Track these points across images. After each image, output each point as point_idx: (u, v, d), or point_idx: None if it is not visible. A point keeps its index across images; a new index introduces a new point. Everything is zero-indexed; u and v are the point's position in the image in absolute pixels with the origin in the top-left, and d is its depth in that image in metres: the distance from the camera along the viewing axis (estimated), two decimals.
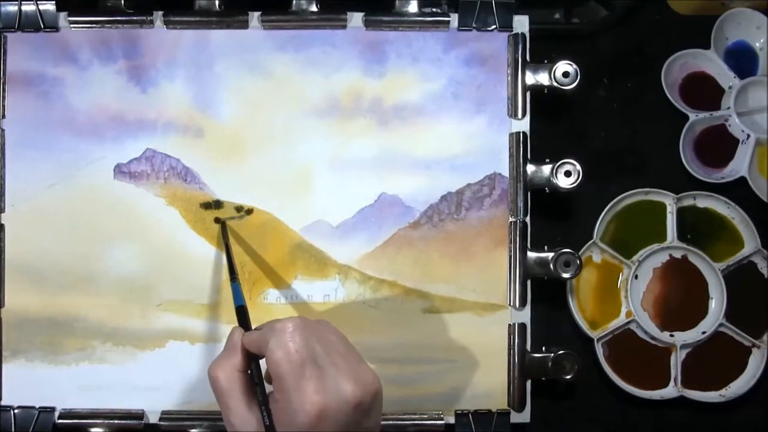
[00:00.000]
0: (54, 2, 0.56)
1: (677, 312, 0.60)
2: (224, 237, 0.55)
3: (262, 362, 0.42)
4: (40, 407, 0.55)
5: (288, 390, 0.39)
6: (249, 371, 0.43)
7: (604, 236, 0.60)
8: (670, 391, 0.59)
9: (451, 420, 0.55)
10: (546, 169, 0.56)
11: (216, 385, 0.42)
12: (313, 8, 0.57)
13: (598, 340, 0.59)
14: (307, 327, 0.41)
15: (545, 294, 0.58)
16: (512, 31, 0.57)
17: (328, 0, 0.58)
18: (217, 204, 0.56)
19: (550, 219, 0.60)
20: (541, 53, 0.58)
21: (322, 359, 0.40)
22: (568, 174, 0.55)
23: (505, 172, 0.57)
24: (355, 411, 0.40)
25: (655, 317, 0.60)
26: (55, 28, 0.57)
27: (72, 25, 0.57)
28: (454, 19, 0.57)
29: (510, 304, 0.56)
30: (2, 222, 0.56)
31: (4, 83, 0.56)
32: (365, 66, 0.57)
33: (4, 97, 0.56)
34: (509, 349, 0.56)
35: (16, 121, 0.56)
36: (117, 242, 0.56)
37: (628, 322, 0.59)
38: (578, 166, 0.55)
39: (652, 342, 0.59)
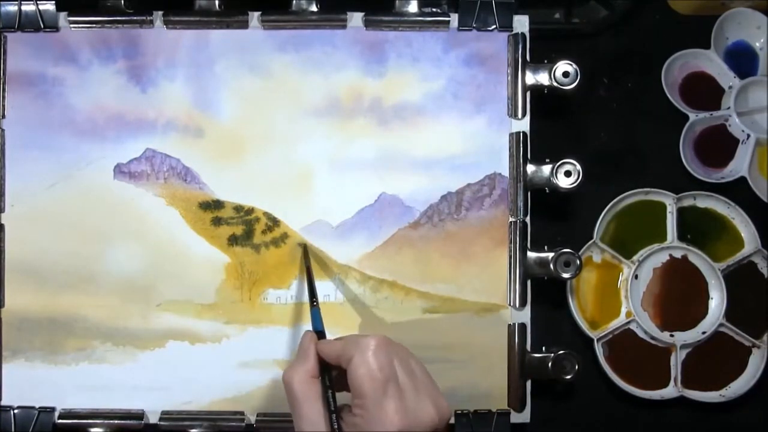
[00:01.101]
0: (54, 2, 0.56)
1: (677, 312, 0.60)
2: (306, 261, 0.55)
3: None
4: (40, 407, 0.55)
5: (368, 407, 0.40)
6: (323, 379, 0.43)
7: (604, 236, 0.60)
8: (670, 391, 0.59)
9: (451, 420, 0.55)
10: (546, 169, 0.56)
11: (290, 391, 0.42)
12: (313, 8, 0.57)
13: (598, 340, 0.59)
14: (391, 346, 0.42)
15: (545, 294, 0.58)
16: (512, 31, 0.57)
17: (328, 0, 0.58)
18: (217, 204, 0.56)
19: (550, 219, 0.60)
20: (541, 53, 0.58)
21: (403, 380, 0.41)
22: (568, 174, 0.55)
23: (505, 172, 0.57)
24: None
25: (655, 317, 0.60)
26: (55, 28, 0.57)
27: (72, 25, 0.57)
28: (454, 19, 0.57)
29: (510, 304, 0.56)
30: (2, 222, 0.56)
31: (4, 83, 0.56)
32: (365, 66, 0.57)
33: (4, 97, 0.56)
34: (509, 349, 0.56)
35: (16, 121, 0.56)
36: (117, 242, 0.56)
37: (628, 322, 0.59)
38: (578, 166, 0.55)
39: (652, 342, 0.59)
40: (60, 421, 0.55)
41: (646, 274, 0.60)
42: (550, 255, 0.55)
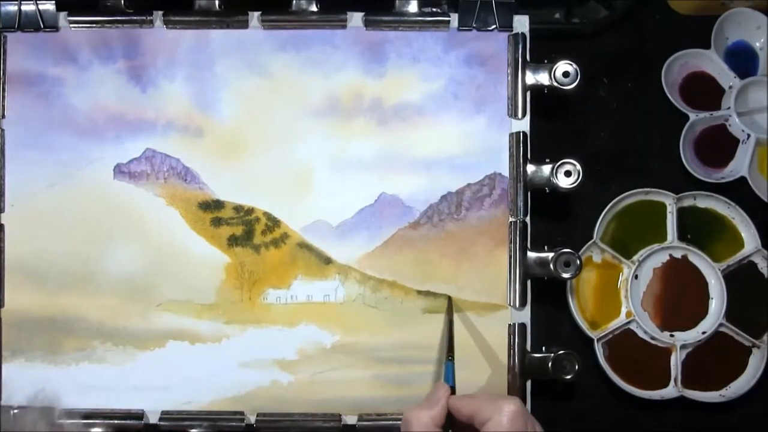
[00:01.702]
0: (54, 2, 0.56)
1: (677, 312, 0.60)
2: (449, 314, 0.55)
3: None
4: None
5: None
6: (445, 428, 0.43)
7: (604, 236, 0.60)
8: (670, 391, 0.59)
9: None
10: (546, 169, 0.56)
11: (408, 430, 0.43)
12: (313, 8, 0.57)
13: (598, 340, 0.59)
14: (526, 413, 0.42)
15: (545, 294, 0.58)
16: (512, 31, 0.57)
17: (328, 0, 0.58)
18: (217, 204, 0.56)
19: (550, 219, 0.60)
20: (541, 53, 0.58)
21: None
22: (568, 174, 0.55)
23: (505, 172, 0.57)
24: None
25: (655, 317, 0.60)
26: (55, 27, 0.57)
27: (72, 25, 0.57)
28: (454, 19, 0.57)
29: (510, 304, 0.56)
30: (2, 222, 0.56)
31: (4, 83, 0.56)
32: (365, 66, 0.57)
33: (4, 97, 0.56)
34: (509, 349, 0.56)
35: (16, 121, 0.56)
36: (117, 242, 0.56)
37: (628, 322, 0.59)
38: (578, 166, 0.55)
39: (652, 342, 0.59)
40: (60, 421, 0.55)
41: (646, 274, 0.60)
42: (550, 255, 0.55)
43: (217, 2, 0.57)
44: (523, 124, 0.57)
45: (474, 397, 0.43)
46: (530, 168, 0.56)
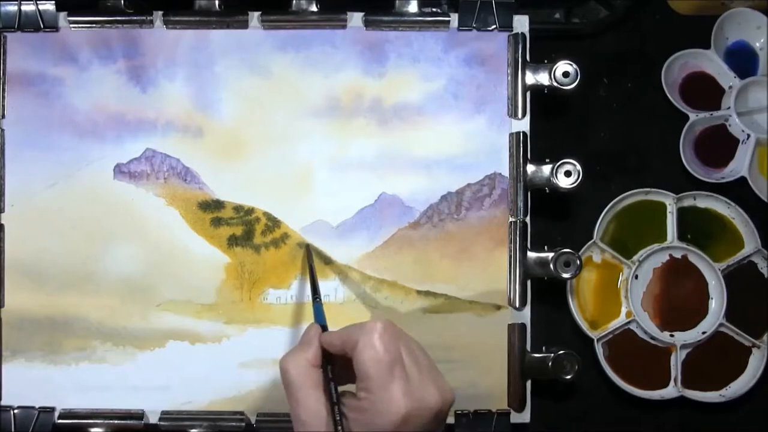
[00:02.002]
0: (54, 2, 0.56)
1: (677, 312, 0.60)
2: (309, 259, 0.55)
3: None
4: (40, 407, 0.55)
5: (374, 390, 0.39)
6: (324, 370, 0.42)
7: (604, 236, 0.60)
8: (670, 391, 0.59)
9: (451, 420, 0.55)
10: (546, 169, 0.56)
11: (286, 378, 0.42)
12: (313, 8, 0.57)
13: (598, 340, 0.59)
14: (396, 330, 0.41)
15: (545, 294, 0.58)
16: (512, 31, 0.57)
17: (328, 0, 0.58)
18: (217, 204, 0.56)
19: (550, 219, 0.60)
20: (541, 53, 0.58)
21: (408, 364, 0.41)
22: (568, 174, 0.55)
23: (505, 172, 0.57)
24: (434, 418, 0.40)
25: (655, 317, 0.60)
26: (54, 28, 0.57)
27: (72, 25, 0.57)
28: (454, 19, 0.57)
29: (510, 304, 0.56)
30: (2, 222, 0.56)
31: (4, 83, 0.56)
32: (365, 66, 0.57)
33: (4, 97, 0.56)
34: (509, 349, 0.56)
35: (16, 121, 0.56)
36: (117, 242, 0.56)
37: (628, 322, 0.59)
38: (578, 166, 0.55)
39: (652, 342, 0.59)
40: (60, 421, 0.55)
41: (646, 274, 0.60)
42: (550, 255, 0.55)
43: (217, 2, 0.57)
44: (523, 124, 0.57)
45: (343, 328, 0.43)
46: (530, 168, 0.56)
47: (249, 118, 0.57)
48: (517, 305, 0.56)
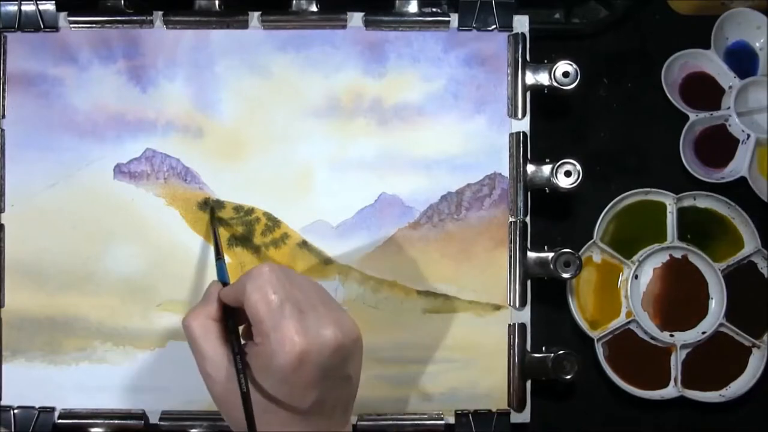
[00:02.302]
0: (54, 2, 0.56)
1: (677, 312, 0.60)
2: (212, 222, 0.55)
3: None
4: (40, 407, 0.55)
5: (267, 332, 0.39)
6: (226, 322, 0.42)
7: (604, 236, 0.60)
8: (670, 391, 0.59)
9: (451, 420, 0.55)
10: (546, 169, 0.56)
11: (189, 333, 0.42)
12: (313, 8, 0.57)
13: (598, 340, 0.59)
14: (283, 270, 0.41)
15: (545, 294, 0.58)
16: (512, 31, 0.57)
17: (328, 0, 0.58)
18: (217, 204, 0.56)
19: (550, 219, 0.60)
20: (541, 53, 0.58)
21: (300, 302, 0.40)
22: (568, 174, 0.55)
23: (505, 172, 0.57)
24: (335, 355, 0.39)
25: (655, 317, 0.60)
26: (55, 28, 0.57)
27: (72, 25, 0.57)
28: (454, 19, 0.57)
29: (510, 304, 0.56)
30: (2, 222, 0.56)
31: (4, 83, 0.56)
32: (365, 66, 0.57)
33: (4, 97, 0.56)
34: (509, 349, 0.56)
35: (16, 121, 0.56)
36: (117, 242, 0.56)
37: (628, 322, 0.59)
38: (578, 166, 0.55)
39: (652, 342, 0.59)
40: (60, 421, 0.55)
41: (646, 274, 0.60)
42: (550, 255, 0.55)
43: (217, 2, 0.57)
44: (523, 124, 0.57)
45: (236, 281, 0.43)
46: (530, 168, 0.56)
47: (249, 118, 0.57)
48: (517, 305, 0.56)
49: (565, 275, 0.55)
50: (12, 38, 0.57)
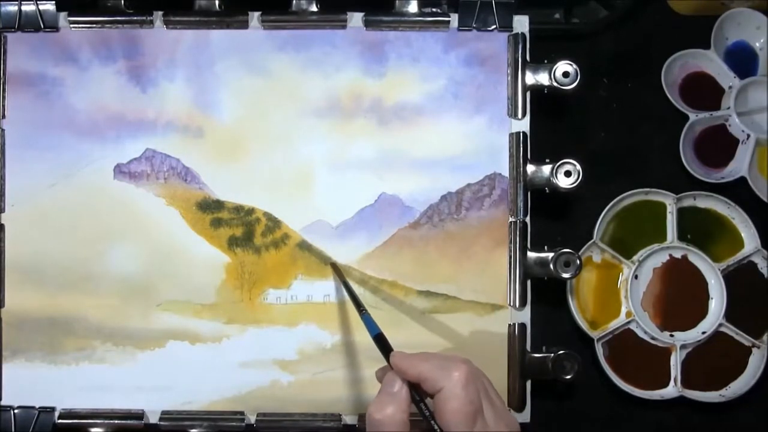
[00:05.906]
0: (54, 2, 0.56)
1: (677, 312, 0.60)
2: (340, 276, 0.55)
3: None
4: (40, 407, 0.55)
5: None
6: (417, 405, 0.42)
7: (604, 236, 0.60)
8: (670, 391, 0.59)
9: None
10: (546, 169, 0.56)
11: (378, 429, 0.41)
12: (313, 8, 0.57)
13: (598, 340, 0.59)
14: (477, 377, 0.42)
15: (545, 294, 0.58)
16: (512, 31, 0.57)
17: (328, 0, 0.58)
18: (218, 204, 0.56)
19: (550, 219, 0.60)
20: (541, 53, 0.58)
21: (485, 411, 0.41)
22: (568, 174, 0.55)
23: (505, 172, 0.57)
24: None
25: (655, 317, 0.60)
26: (55, 28, 0.57)
27: (72, 25, 0.57)
28: (454, 19, 0.57)
29: (510, 304, 0.56)
30: (2, 222, 0.56)
31: (4, 83, 0.56)
32: (365, 66, 0.57)
33: (4, 97, 0.56)
34: (509, 349, 0.56)
35: (16, 121, 0.56)
36: (117, 242, 0.56)
37: (628, 322, 0.59)
38: (578, 166, 0.55)
39: (652, 342, 0.59)
40: (60, 421, 0.55)
41: (646, 274, 0.60)
42: (550, 255, 0.55)
43: (217, 2, 0.57)
44: (523, 124, 0.57)
45: (419, 359, 0.42)
46: (530, 168, 0.56)
47: (249, 118, 0.57)
48: (517, 305, 0.56)
49: (565, 275, 0.55)
50: (12, 38, 0.57)
